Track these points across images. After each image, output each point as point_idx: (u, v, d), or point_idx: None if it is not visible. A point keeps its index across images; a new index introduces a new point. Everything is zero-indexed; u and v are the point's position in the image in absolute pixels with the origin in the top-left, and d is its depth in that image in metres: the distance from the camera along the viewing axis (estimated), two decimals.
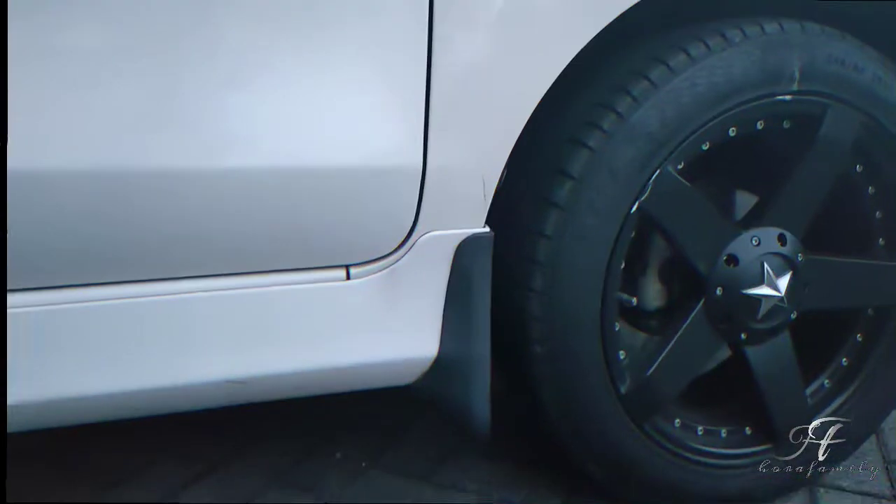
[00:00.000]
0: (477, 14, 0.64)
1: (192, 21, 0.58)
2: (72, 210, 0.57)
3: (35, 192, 0.56)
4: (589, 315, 0.74)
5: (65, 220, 0.57)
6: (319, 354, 0.68)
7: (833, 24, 0.79)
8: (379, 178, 0.65)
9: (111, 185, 0.58)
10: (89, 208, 0.58)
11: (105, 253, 0.60)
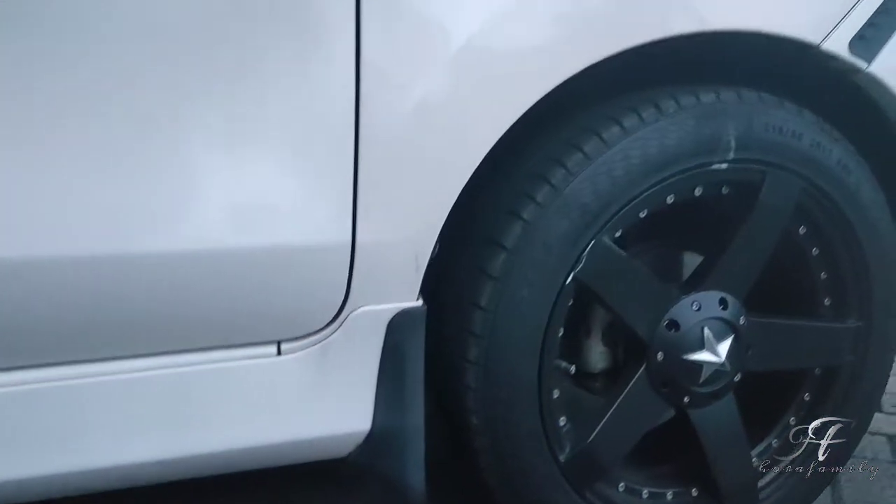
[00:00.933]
0: (404, 93, 0.64)
1: (103, 103, 0.58)
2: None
3: None
4: (526, 385, 0.73)
5: None
6: (252, 431, 0.67)
7: (775, 88, 0.80)
8: (307, 255, 0.65)
9: (31, 272, 0.58)
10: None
11: (30, 338, 0.60)
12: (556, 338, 0.75)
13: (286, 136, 0.62)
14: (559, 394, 0.78)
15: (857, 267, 0.84)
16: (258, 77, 0.61)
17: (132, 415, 0.63)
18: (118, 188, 0.59)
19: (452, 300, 0.73)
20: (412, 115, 0.65)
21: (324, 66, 0.61)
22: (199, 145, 0.60)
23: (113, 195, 0.59)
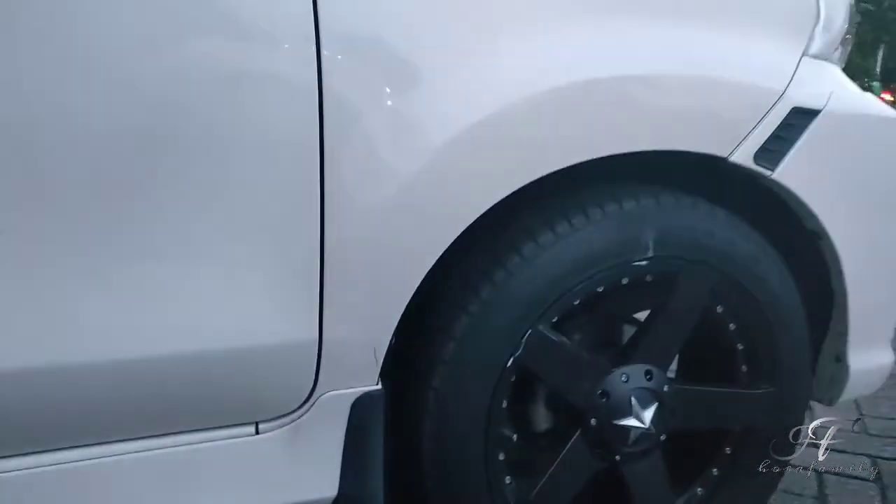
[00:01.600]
0: (363, 217, 0.74)
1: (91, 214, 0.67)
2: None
3: None
4: (473, 453, 0.85)
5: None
6: (234, 500, 0.78)
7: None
8: (281, 351, 0.75)
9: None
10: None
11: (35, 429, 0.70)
12: (501, 410, 0.86)
13: (260, 252, 0.73)
14: (504, 456, 0.89)
15: (768, 340, 0.96)
16: (238, 201, 0.72)
17: (128, 489, 0.74)
18: (109, 300, 0.69)
19: (411, 381, 0.84)
20: (369, 236, 0.75)
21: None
22: (182, 265, 0.71)
23: (105, 307, 0.69)
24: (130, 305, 0.69)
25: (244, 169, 0.70)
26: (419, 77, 0.76)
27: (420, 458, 0.85)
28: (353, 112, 0.73)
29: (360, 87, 0.73)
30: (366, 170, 0.75)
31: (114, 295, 0.69)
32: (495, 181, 0.78)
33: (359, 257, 0.76)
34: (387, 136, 0.76)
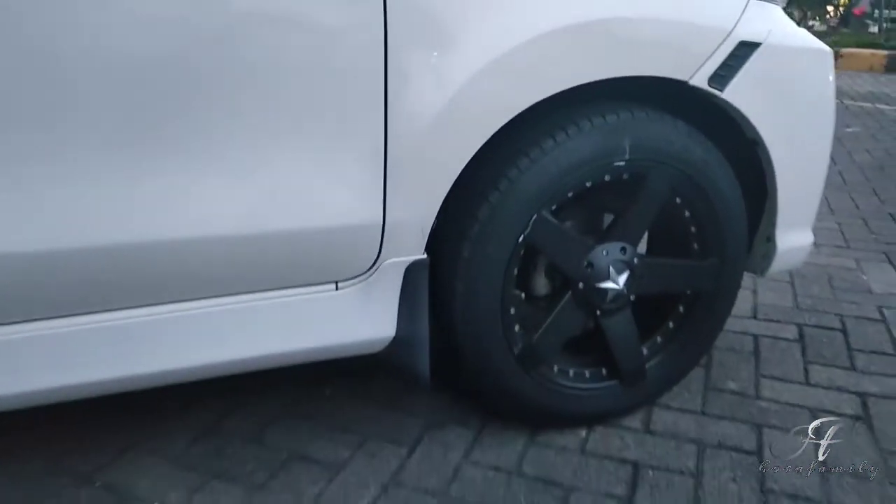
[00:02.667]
0: (416, 122, 1.00)
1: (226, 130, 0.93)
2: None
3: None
4: (493, 306, 1.14)
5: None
6: (318, 337, 1.08)
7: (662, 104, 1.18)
8: (356, 230, 1.03)
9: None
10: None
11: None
12: (513, 276, 1.16)
13: (345, 159, 0.99)
14: (514, 311, 1.19)
15: (714, 222, 1.25)
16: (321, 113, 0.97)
17: (256, 328, 1.03)
18: (233, 185, 0.95)
19: (449, 253, 1.13)
20: (420, 143, 1.01)
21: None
22: (293, 166, 0.97)
23: (229, 192, 0.95)
24: (254, 191, 0.95)
25: (334, 84, 0.95)
26: (460, 19, 0.99)
27: (453, 310, 1.14)
28: (410, 37, 0.96)
29: (417, 17, 0.97)
30: (419, 86, 0.99)
31: (237, 181, 0.95)
32: (514, 99, 1.04)
33: (411, 160, 1.02)
34: (436, 59, 1.00)
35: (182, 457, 1.22)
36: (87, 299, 0.93)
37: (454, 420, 1.33)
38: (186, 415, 1.33)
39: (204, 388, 1.33)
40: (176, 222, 0.93)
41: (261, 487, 1.15)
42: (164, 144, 0.90)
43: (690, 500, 1.13)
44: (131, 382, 0.99)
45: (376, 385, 1.44)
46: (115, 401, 1.07)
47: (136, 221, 0.91)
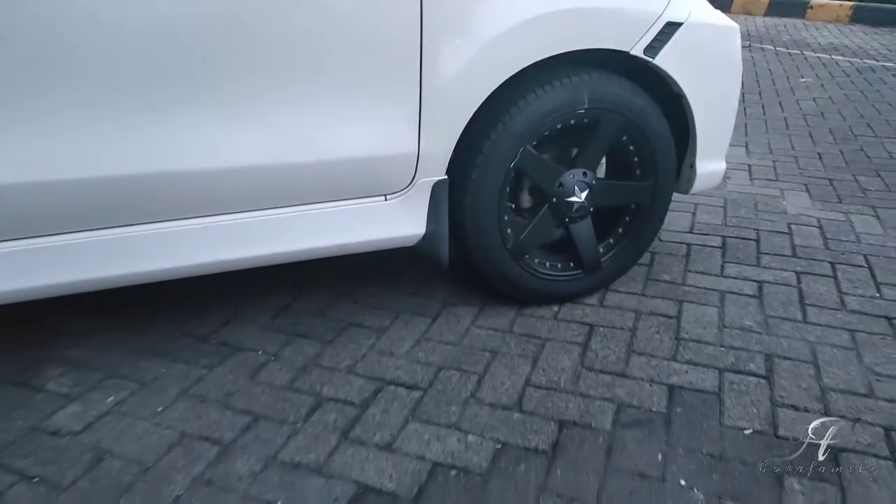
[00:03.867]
0: (441, 79, 1.45)
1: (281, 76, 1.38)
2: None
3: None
4: (491, 213, 1.62)
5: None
6: (374, 233, 1.55)
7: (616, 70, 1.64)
8: (399, 158, 1.49)
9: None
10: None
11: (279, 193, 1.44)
12: (506, 192, 1.64)
13: (388, 108, 1.44)
14: (507, 217, 1.67)
15: (651, 154, 1.73)
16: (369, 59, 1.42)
17: (333, 226, 1.50)
18: (310, 120, 1.41)
19: (461, 175, 1.59)
20: (447, 93, 1.46)
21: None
22: (349, 111, 1.42)
23: (306, 126, 1.41)
24: (328, 131, 1.41)
25: (383, 48, 1.38)
26: (475, 5, 1.42)
27: (464, 216, 1.62)
28: (439, 19, 1.39)
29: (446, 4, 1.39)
30: (444, 54, 1.43)
31: (319, 123, 1.40)
32: (510, 64, 1.49)
33: (438, 108, 1.47)
34: (457, 34, 1.43)
35: (270, 324, 1.71)
36: (226, 203, 1.39)
37: (463, 301, 1.83)
38: (267, 299, 1.82)
39: (276, 281, 1.81)
40: (280, 150, 1.39)
41: (330, 342, 1.65)
42: (268, 94, 1.34)
43: (627, 344, 1.65)
44: (249, 262, 1.47)
45: (405, 279, 1.93)
46: (215, 285, 1.55)
47: (256, 149, 1.37)
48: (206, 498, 1.18)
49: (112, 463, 1.25)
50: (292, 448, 1.30)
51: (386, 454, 1.29)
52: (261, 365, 1.55)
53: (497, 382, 1.51)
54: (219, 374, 1.52)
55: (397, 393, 1.47)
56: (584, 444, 1.32)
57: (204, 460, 1.27)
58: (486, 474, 1.25)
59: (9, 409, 1.39)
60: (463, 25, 1.42)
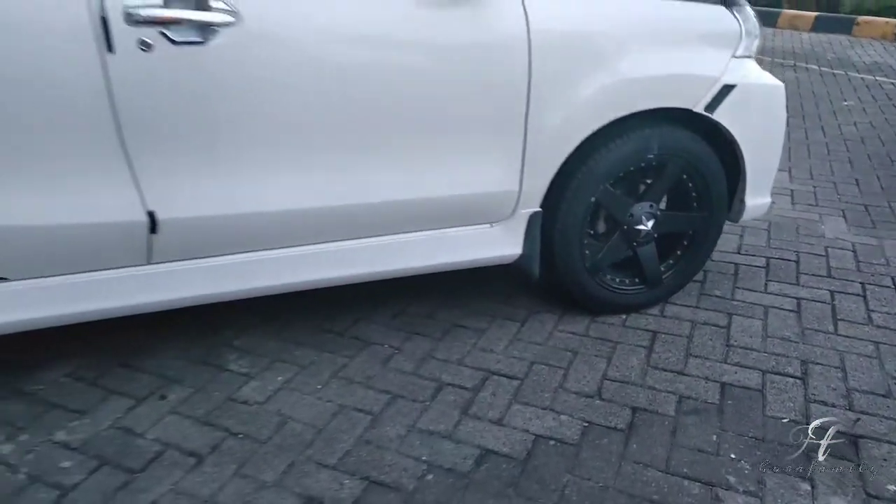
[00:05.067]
0: (541, 132, 1.82)
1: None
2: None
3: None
4: (574, 238, 2.00)
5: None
6: (480, 253, 1.94)
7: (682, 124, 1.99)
8: (505, 194, 1.87)
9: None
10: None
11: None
12: (586, 220, 2.01)
13: (501, 154, 1.82)
14: (586, 241, 2.04)
15: (706, 190, 2.08)
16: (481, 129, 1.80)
17: (449, 246, 1.89)
18: (435, 166, 1.80)
19: (551, 207, 1.97)
20: (545, 140, 1.83)
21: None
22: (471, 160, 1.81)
23: (433, 171, 1.80)
24: (451, 172, 1.80)
25: (492, 94, 1.75)
26: (573, 74, 1.80)
27: (552, 239, 1.99)
28: (546, 74, 1.77)
29: (551, 58, 1.75)
30: (545, 112, 1.80)
31: (446, 166, 1.79)
32: (597, 120, 1.86)
33: (537, 154, 1.85)
34: (556, 96, 1.81)
35: (390, 324, 2.11)
36: (376, 228, 1.80)
37: (545, 309, 2.21)
38: (386, 303, 2.22)
39: (392, 288, 2.21)
40: (414, 188, 1.78)
41: (441, 339, 2.04)
42: (408, 143, 1.73)
43: (685, 348, 2.00)
44: (390, 273, 1.87)
45: (497, 289, 2.31)
46: (343, 291, 1.95)
47: (398, 188, 1.76)
48: (369, 453, 1.58)
49: (294, 425, 1.66)
50: (426, 420, 1.69)
51: (498, 427, 1.68)
52: (389, 356, 1.95)
53: (579, 375, 1.88)
54: (358, 362, 1.92)
55: (500, 381, 1.85)
56: (653, 426, 1.69)
57: (361, 426, 1.67)
58: (577, 445, 1.62)
59: (205, 383, 1.81)
60: (562, 94, 1.80)
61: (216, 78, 1.48)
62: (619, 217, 2.05)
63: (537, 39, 1.72)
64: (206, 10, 1.42)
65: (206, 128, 1.51)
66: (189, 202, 1.56)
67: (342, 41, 1.59)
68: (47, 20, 1.36)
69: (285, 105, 1.56)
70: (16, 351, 1.85)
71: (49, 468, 1.51)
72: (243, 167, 1.57)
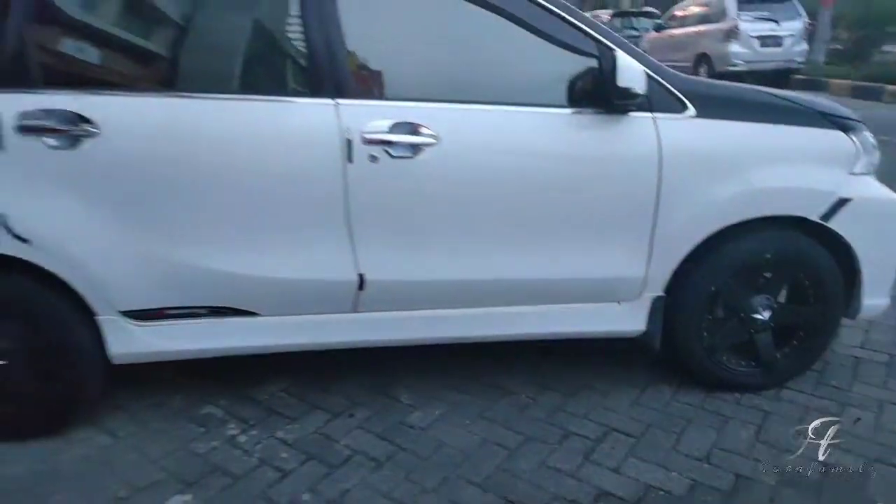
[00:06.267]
0: (667, 228, 2.18)
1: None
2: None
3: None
4: (695, 321, 2.30)
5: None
6: (608, 326, 2.31)
7: None
8: (632, 280, 2.25)
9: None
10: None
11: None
12: (706, 307, 2.31)
13: (636, 247, 2.21)
14: (705, 324, 2.34)
15: (822, 287, 2.31)
16: None
17: (584, 317, 2.28)
18: (579, 253, 2.21)
19: (674, 293, 2.30)
20: (679, 228, 2.19)
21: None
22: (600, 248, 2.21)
23: (577, 256, 2.21)
24: (591, 259, 2.21)
25: (627, 197, 2.16)
26: (700, 185, 2.16)
27: (674, 321, 2.31)
28: (673, 183, 2.14)
29: (678, 170, 2.14)
30: (671, 213, 2.17)
31: (588, 254, 2.20)
32: (719, 222, 2.19)
33: (662, 247, 2.21)
34: (682, 201, 2.17)
35: (527, 377, 2.51)
36: (524, 299, 2.24)
37: (664, 379, 2.50)
38: (524, 359, 2.63)
39: (525, 346, 2.61)
40: (556, 270, 2.21)
41: (569, 395, 2.40)
42: (555, 235, 2.17)
43: (795, 430, 2.21)
44: (533, 335, 2.30)
45: (620, 358, 2.64)
46: (490, 345, 2.38)
47: (544, 269, 2.20)
48: (506, 479, 1.98)
49: (447, 449, 2.11)
50: (553, 459, 2.07)
51: (615, 474, 2.01)
52: (525, 404, 2.36)
53: (691, 441, 2.16)
54: (500, 406, 2.34)
55: (619, 437, 2.18)
56: (752, 492, 1.94)
57: (500, 457, 2.07)
58: (683, 498, 1.91)
59: (382, 408, 2.32)
60: (686, 199, 2.16)
61: (419, 182, 2.03)
62: (737, 306, 2.33)
63: (667, 155, 2.11)
64: (417, 135, 1.99)
65: (409, 217, 2.06)
66: (389, 269, 2.10)
67: (511, 156, 2.09)
68: (314, 138, 1.99)
69: (468, 203, 2.08)
70: (248, 367, 2.48)
71: (272, 456, 2.06)
72: (432, 247, 2.10)
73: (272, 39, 2.17)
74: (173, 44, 2.09)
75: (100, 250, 1.92)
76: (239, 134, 1.96)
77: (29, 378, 2.03)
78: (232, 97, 2.00)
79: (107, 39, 2.02)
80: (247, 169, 1.98)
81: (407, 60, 2.12)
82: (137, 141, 1.91)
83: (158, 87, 2.03)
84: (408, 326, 2.20)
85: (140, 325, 2.03)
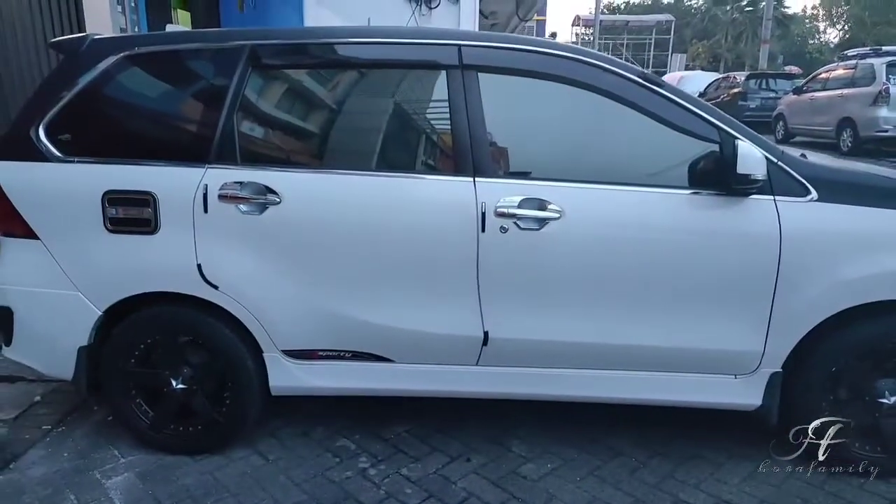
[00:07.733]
0: (785, 309, 2.23)
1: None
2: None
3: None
4: (815, 399, 2.29)
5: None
6: (723, 398, 2.35)
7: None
8: (749, 354, 2.29)
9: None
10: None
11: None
12: (826, 386, 2.30)
13: (748, 319, 2.27)
14: (825, 403, 2.31)
15: None
16: None
17: (700, 388, 2.35)
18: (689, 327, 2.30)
19: (793, 369, 2.31)
20: (798, 307, 2.23)
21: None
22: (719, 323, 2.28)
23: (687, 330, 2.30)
24: (711, 332, 2.29)
25: (747, 274, 2.23)
26: (822, 270, 2.19)
27: (793, 397, 2.32)
28: (792, 263, 2.19)
29: (798, 250, 2.19)
30: (793, 286, 2.22)
31: (696, 321, 2.28)
32: (837, 305, 2.20)
33: (781, 326, 2.25)
34: (798, 283, 2.22)
35: (637, 440, 2.59)
36: (645, 365, 2.35)
37: (754, 447, 2.48)
38: (635, 422, 2.71)
39: (638, 410, 2.68)
40: (677, 340, 2.30)
41: (680, 463, 2.45)
42: (679, 308, 2.28)
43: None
44: (643, 401, 2.40)
45: (734, 430, 2.65)
46: (603, 405, 2.48)
47: (661, 337, 2.31)
48: None
49: (557, 503, 2.24)
50: None
51: None
52: (635, 468, 2.44)
53: None
54: (610, 466, 2.44)
55: None
56: None
57: None
58: None
59: (496, 456, 2.49)
60: (805, 280, 2.20)
61: (543, 251, 2.23)
62: (861, 389, 2.30)
63: (788, 236, 2.18)
64: (544, 210, 2.20)
65: (532, 282, 2.27)
66: (512, 328, 2.30)
67: (629, 230, 2.25)
68: (455, 211, 2.26)
69: (587, 272, 2.25)
70: (377, 407, 2.75)
71: (398, 491, 2.30)
72: (552, 310, 2.28)
73: (423, 128, 2.50)
74: (342, 131, 2.49)
75: (272, 298, 2.30)
76: (391, 206, 2.29)
77: (208, 402, 2.42)
78: (388, 175, 2.34)
79: (287, 127, 2.44)
80: (396, 235, 2.28)
81: (539, 143, 2.38)
82: (312, 210, 2.29)
83: (330, 165, 2.41)
84: (525, 382, 2.38)
85: (296, 363, 2.37)
